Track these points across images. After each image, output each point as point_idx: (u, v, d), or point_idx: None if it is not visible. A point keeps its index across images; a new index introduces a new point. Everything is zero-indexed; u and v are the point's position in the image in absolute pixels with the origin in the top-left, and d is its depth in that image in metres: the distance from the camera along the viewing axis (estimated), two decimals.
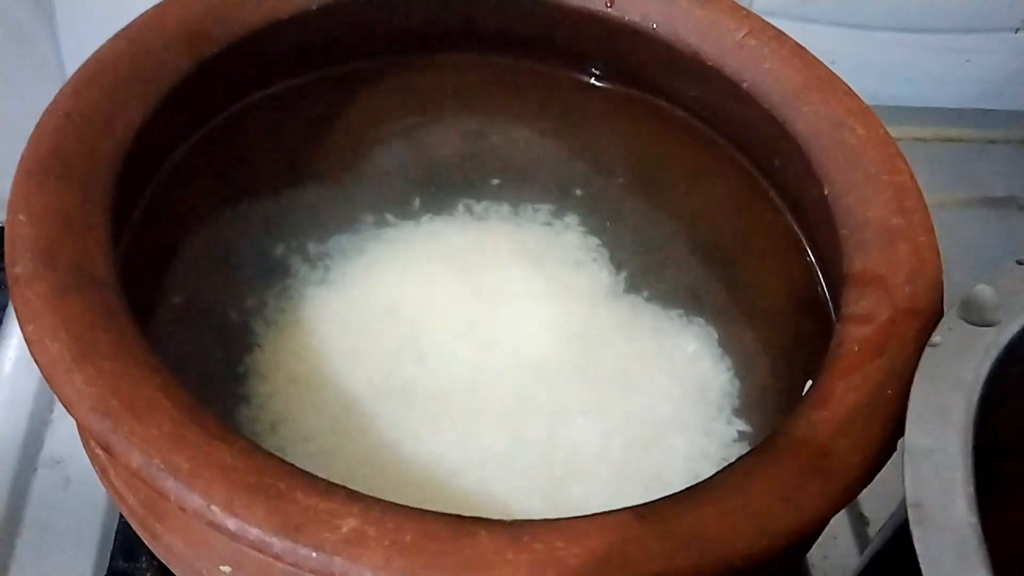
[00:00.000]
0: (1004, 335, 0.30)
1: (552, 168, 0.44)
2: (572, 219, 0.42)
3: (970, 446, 0.27)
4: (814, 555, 0.44)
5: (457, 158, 0.44)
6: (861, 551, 0.45)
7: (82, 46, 0.37)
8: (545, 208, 0.42)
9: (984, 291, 0.31)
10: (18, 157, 0.33)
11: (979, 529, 0.25)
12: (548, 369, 0.37)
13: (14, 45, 0.56)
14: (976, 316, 0.30)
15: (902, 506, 0.26)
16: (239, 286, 0.38)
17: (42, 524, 0.42)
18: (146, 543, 0.32)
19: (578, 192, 0.43)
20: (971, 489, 0.26)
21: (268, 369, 0.36)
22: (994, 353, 0.29)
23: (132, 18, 0.38)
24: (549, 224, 0.42)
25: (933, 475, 0.27)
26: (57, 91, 0.35)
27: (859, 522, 0.46)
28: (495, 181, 0.43)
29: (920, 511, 0.26)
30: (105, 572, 0.40)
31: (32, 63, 0.57)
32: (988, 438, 0.28)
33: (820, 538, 0.35)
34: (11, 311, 0.48)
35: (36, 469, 0.43)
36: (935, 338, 0.30)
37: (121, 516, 0.41)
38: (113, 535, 0.41)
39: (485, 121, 0.45)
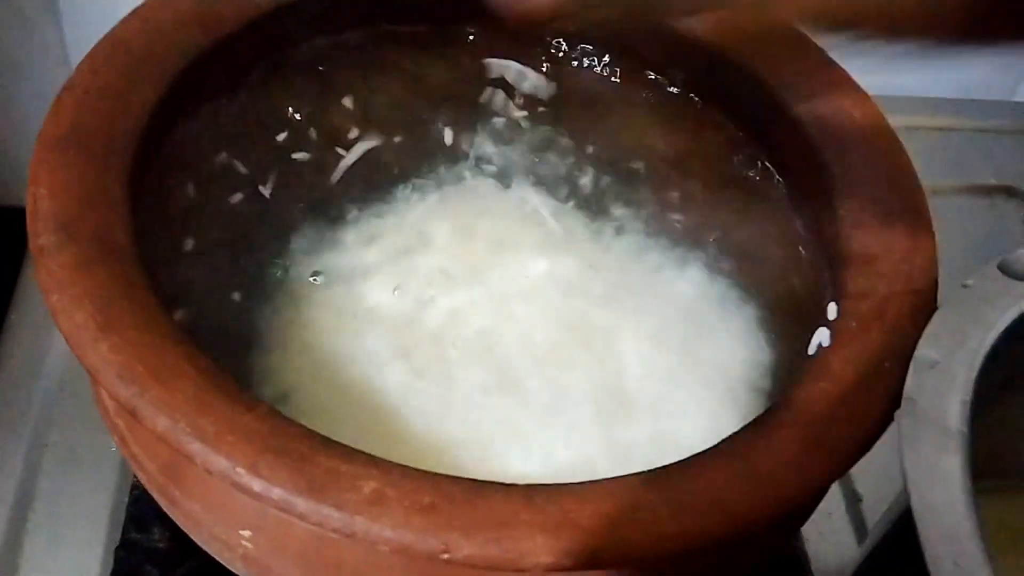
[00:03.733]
0: None
1: (545, 142, 0.44)
2: (565, 188, 0.43)
3: (976, 368, 0.29)
4: (809, 530, 0.46)
5: (456, 133, 0.44)
6: (855, 527, 0.47)
7: (85, 28, 0.37)
8: (537, 175, 0.43)
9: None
10: (22, 135, 0.33)
11: (966, 434, 0.27)
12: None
13: (18, 27, 0.56)
14: (1013, 272, 0.32)
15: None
16: (246, 259, 0.39)
17: (54, 497, 0.43)
18: (165, 510, 0.33)
19: (573, 163, 0.44)
20: (968, 399, 0.28)
21: (272, 343, 0.37)
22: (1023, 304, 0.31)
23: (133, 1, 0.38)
24: (544, 193, 0.43)
25: (932, 380, 0.29)
26: (63, 70, 0.35)
27: (853, 499, 0.47)
28: (495, 156, 0.43)
29: (911, 404, 0.28)
30: (117, 544, 0.40)
31: (35, 45, 0.57)
32: (998, 372, 0.29)
33: (815, 514, 0.36)
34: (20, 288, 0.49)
35: (47, 444, 0.44)
36: (968, 281, 0.31)
37: (132, 489, 0.42)
38: (125, 508, 0.42)
39: (477, 94, 0.46)
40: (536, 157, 0.44)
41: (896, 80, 0.68)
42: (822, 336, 0.34)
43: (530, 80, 0.46)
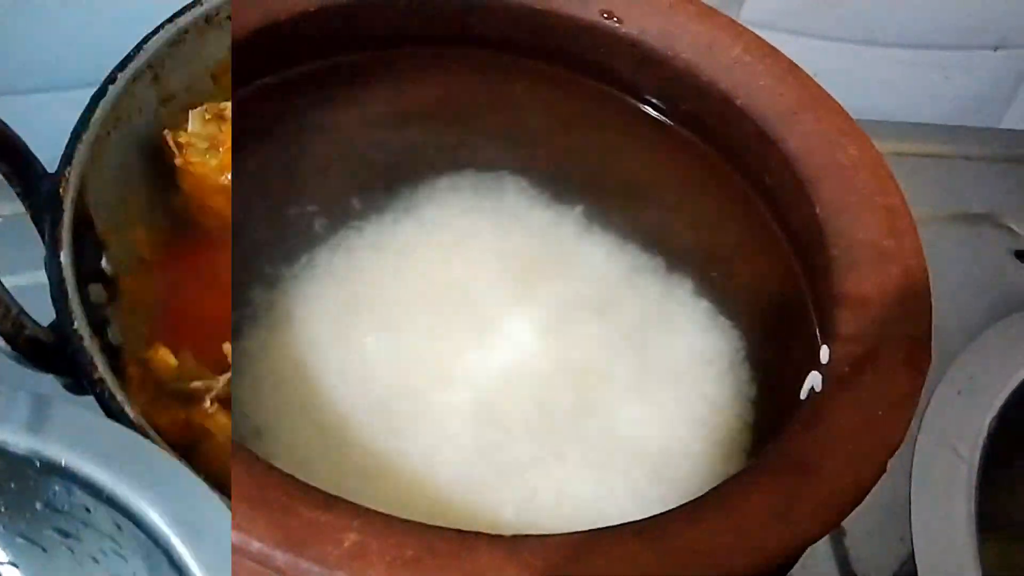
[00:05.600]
0: None
1: (541, 171, 0.44)
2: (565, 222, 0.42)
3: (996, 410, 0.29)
4: None
5: (450, 155, 0.44)
6: (838, 561, 0.46)
7: None
8: (537, 212, 0.42)
9: None
10: None
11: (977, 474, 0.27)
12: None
13: None
14: None
15: None
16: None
17: None
18: None
19: (565, 197, 0.43)
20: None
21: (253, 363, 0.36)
22: None
23: None
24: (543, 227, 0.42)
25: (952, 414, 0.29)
26: None
27: (836, 532, 0.47)
28: (484, 178, 0.43)
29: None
30: None
31: None
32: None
33: None
34: None
35: None
36: (996, 324, 0.32)
37: None
38: None
39: (478, 123, 0.45)
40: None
41: (882, 104, 0.68)
42: (814, 380, 0.33)
43: None
